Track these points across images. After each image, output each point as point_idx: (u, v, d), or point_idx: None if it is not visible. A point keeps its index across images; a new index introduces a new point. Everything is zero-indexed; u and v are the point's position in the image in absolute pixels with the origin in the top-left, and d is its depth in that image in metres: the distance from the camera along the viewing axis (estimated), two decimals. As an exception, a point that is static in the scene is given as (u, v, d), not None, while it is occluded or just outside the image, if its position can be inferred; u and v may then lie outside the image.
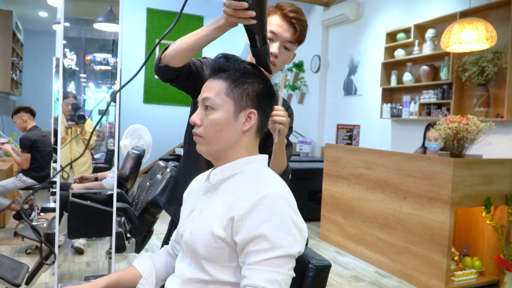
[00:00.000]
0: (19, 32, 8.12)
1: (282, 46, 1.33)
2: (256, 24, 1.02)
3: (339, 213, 4.23)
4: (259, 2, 0.99)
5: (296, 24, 1.32)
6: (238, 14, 1.00)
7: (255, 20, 1.01)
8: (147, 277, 1.18)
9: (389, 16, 5.27)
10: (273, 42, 1.31)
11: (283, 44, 1.33)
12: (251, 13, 0.99)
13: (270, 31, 1.30)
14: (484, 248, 3.36)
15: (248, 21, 1.02)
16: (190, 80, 1.32)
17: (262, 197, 0.93)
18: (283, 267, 0.91)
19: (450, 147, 3.13)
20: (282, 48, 1.33)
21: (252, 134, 1.07)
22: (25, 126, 4.29)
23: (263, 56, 1.11)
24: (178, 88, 1.38)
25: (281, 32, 1.31)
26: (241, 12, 1.00)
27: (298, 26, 1.32)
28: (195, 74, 1.31)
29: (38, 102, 7.30)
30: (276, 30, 1.31)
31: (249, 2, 0.97)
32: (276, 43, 1.32)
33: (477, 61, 3.87)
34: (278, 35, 1.32)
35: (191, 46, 1.18)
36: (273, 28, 1.31)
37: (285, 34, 1.32)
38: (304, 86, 7.09)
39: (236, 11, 1.00)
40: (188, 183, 1.27)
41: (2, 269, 2.63)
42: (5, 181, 4.18)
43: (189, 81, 1.32)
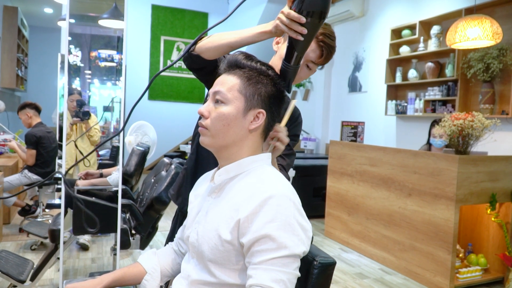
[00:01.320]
0: (25, 28, 8.15)
1: (305, 64, 1.34)
2: (302, 42, 1.04)
3: (343, 210, 4.22)
4: (313, 24, 1.00)
5: (324, 47, 1.32)
6: (292, 25, 1.01)
7: (303, 38, 1.02)
8: (152, 273, 1.18)
9: (394, 12, 5.24)
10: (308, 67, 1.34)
11: (306, 62, 1.33)
12: (304, 29, 1.01)
13: (312, 62, 1.32)
14: (489, 245, 3.35)
15: (296, 36, 1.02)
16: (213, 74, 1.32)
17: (267, 198, 0.93)
18: (288, 266, 0.91)
19: (455, 144, 3.12)
20: (304, 66, 1.34)
21: (258, 134, 1.06)
22: (30, 122, 4.31)
23: (290, 73, 1.11)
24: (198, 79, 1.38)
25: (307, 51, 1.30)
26: (295, 25, 1.00)
27: (325, 50, 1.33)
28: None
29: (43, 98, 7.34)
30: (315, 60, 1.33)
31: (307, 19, 0.99)
32: (306, 69, 1.34)
33: (483, 57, 3.85)
34: (315, 63, 1.33)
35: (230, 43, 1.17)
36: (315, 59, 1.32)
37: (311, 54, 1.32)
38: (308, 82, 7.07)
39: (292, 23, 1.01)
40: (200, 174, 1.28)
41: (7, 265, 2.65)
42: (11, 177, 4.21)
43: (213, 75, 1.32)
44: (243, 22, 7.73)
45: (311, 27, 1.01)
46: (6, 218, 4.43)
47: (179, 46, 8.17)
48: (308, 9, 0.98)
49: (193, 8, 8.22)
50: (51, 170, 4.38)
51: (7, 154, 5.24)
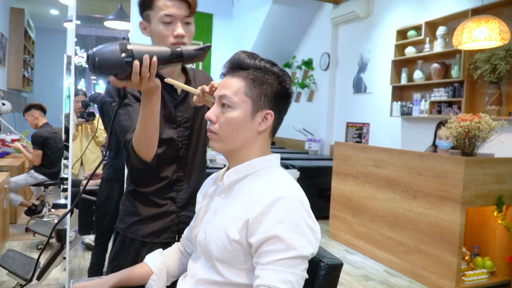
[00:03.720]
0: (31, 30, 8.20)
1: (184, 23, 1.30)
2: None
3: (348, 211, 4.21)
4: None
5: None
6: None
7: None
8: (158, 273, 1.18)
9: (400, 13, 5.23)
10: (174, 24, 1.28)
11: (183, 21, 1.30)
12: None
13: (166, 15, 1.26)
14: (495, 248, 3.33)
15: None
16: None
17: (276, 198, 0.93)
18: (296, 268, 0.90)
19: (462, 145, 3.10)
20: (184, 26, 1.30)
21: (267, 134, 1.06)
22: (36, 123, 4.34)
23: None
24: None
25: (176, 12, 1.28)
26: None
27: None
28: None
29: (49, 99, 7.37)
30: (171, 12, 1.27)
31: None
32: (178, 24, 1.28)
33: (489, 58, 3.83)
34: (176, 16, 1.28)
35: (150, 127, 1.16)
36: (168, 11, 1.27)
37: (181, 11, 1.29)
38: (313, 84, 7.06)
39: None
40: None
41: (14, 264, 2.66)
42: (17, 178, 4.23)
43: None
44: (248, 22, 7.74)
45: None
46: (12, 217, 4.46)
47: (184, 47, 8.20)
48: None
49: (198, 9, 8.19)
50: (57, 170, 4.40)
51: (14, 154, 5.27)
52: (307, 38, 7.35)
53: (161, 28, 1.28)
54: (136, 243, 1.36)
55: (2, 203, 3.59)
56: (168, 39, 1.28)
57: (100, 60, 0.97)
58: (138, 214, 1.37)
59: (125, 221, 1.38)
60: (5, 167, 4.46)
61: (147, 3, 1.29)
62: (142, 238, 1.35)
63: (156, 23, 1.28)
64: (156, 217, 1.36)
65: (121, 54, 0.97)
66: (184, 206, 1.40)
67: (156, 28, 1.29)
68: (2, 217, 3.61)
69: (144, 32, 1.35)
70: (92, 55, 0.97)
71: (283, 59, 7.74)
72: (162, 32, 1.28)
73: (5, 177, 3.72)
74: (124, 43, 0.99)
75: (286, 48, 7.65)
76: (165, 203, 1.37)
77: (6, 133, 5.69)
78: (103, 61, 0.97)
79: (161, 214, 1.37)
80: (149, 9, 1.29)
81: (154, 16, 1.28)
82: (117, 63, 0.97)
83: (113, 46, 0.98)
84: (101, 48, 0.98)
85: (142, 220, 1.36)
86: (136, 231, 1.35)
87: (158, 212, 1.37)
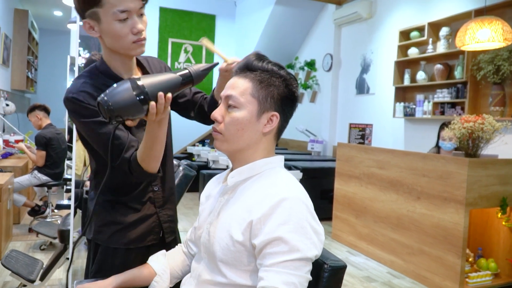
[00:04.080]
0: (35, 31, 8.23)
1: (138, 15, 1.17)
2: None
3: (351, 212, 4.21)
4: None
5: None
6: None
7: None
8: (161, 275, 1.19)
9: (403, 14, 5.22)
10: (130, 19, 1.15)
11: (138, 13, 1.16)
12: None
13: (122, 11, 1.12)
14: (499, 250, 3.31)
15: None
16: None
17: (280, 200, 0.93)
18: (300, 270, 0.90)
19: (465, 146, 3.09)
20: (139, 18, 1.17)
21: (271, 136, 1.06)
22: (40, 124, 4.35)
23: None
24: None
25: (132, 5, 1.13)
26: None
27: None
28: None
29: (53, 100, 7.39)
30: (127, 7, 1.13)
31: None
32: (135, 18, 1.15)
33: (493, 59, 3.82)
34: (131, 11, 1.14)
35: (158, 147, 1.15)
36: (123, 7, 1.12)
37: (135, 4, 1.14)
38: (316, 84, 7.06)
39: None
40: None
41: (17, 264, 2.67)
42: (21, 178, 4.25)
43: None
44: (250, 24, 7.75)
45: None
46: (16, 218, 4.47)
47: (187, 48, 8.21)
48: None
49: (200, 11, 8.25)
50: (60, 171, 4.41)
51: (17, 155, 5.29)
52: (310, 39, 7.35)
53: (117, 27, 1.14)
54: (121, 251, 1.31)
55: (6, 203, 3.60)
56: (127, 37, 1.16)
57: (116, 107, 0.93)
58: (119, 223, 1.31)
59: (105, 231, 1.31)
60: (9, 168, 4.47)
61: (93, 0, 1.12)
62: (126, 246, 1.31)
63: (109, 22, 1.14)
64: (138, 222, 1.32)
65: (134, 93, 0.94)
66: (163, 205, 1.39)
67: (110, 27, 1.14)
68: (6, 217, 3.62)
69: (90, 33, 1.18)
70: (104, 101, 0.93)
71: (286, 60, 7.74)
72: (119, 31, 1.14)
73: (8, 177, 3.74)
74: (134, 79, 0.96)
75: (289, 49, 7.65)
76: (143, 206, 1.34)
77: (9, 133, 5.71)
78: (120, 108, 0.93)
79: (142, 218, 1.33)
80: (96, 6, 1.12)
81: (105, 14, 1.13)
82: (132, 104, 0.94)
83: (123, 86, 0.94)
84: (111, 91, 0.94)
85: (124, 228, 1.31)
86: (119, 239, 1.30)
87: (139, 217, 1.33)
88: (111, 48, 1.21)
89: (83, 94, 1.17)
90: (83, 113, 1.16)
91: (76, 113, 1.18)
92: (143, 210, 1.34)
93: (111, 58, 1.25)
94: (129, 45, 1.17)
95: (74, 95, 1.17)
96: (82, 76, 1.24)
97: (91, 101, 1.16)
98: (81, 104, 1.16)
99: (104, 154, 1.19)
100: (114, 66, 1.25)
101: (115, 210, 1.32)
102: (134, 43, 1.17)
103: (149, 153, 1.14)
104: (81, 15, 1.18)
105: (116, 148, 1.16)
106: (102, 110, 0.95)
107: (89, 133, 1.20)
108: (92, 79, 1.22)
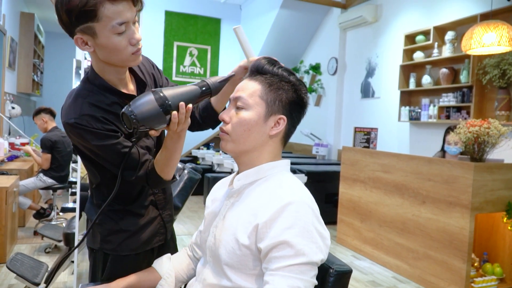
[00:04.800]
0: (41, 34, 8.29)
1: (133, 23, 1.11)
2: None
3: (356, 216, 4.19)
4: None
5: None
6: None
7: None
8: (166, 278, 1.19)
9: (408, 18, 5.21)
10: (128, 29, 1.09)
11: (133, 22, 1.11)
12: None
13: (120, 23, 1.06)
14: (505, 255, 3.29)
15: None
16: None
17: (286, 204, 0.93)
18: (305, 274, 0.90)
19: (471, 151, 3.08)
20: (135, 27, 1.12)
21: (278, 140, 1.06)
22: (45, 127, 4.37)
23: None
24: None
25: (130, 16, 1.08)
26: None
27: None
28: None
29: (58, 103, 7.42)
30: (125, 18, 1.07)
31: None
32: (131, 28, 1.10)
33: (498, 63, 3.80)
34: (129, 21, 1.08)
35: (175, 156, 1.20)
36: (121, 19, 1.06)
37: (132, 14, 1.09)
38: (321, 88, 7.05)
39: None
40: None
41: (22, 267, 2.68)
42: (26, 181, 4.27)
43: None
44: (256, 27, 7.76)
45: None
46: (21, 221, 4.49)
47: (192, 52, 8.23)
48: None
49: (206, 14, 8.28)
50: (65, 174, 4.43)
51: (23, 158, 5.31)
52: (315, 43, 7.35)
53: (116, 40, 1.08)
54: (130, 257, 1.32)
55: (11, 206, 3.62)
56: (126, 50, 1.11)
57: (140, 117, 0.97)
58: (126, 231, 1.31)
59: (113, 240, 1.31)
60: (14, 171, 4.50)
61: (88, 14, 1.04)
62: (135, 251, 1.32)
63: (107, 36, 1.07)
64: (144, 227, 1.34)
65: (157, 103, 0.98)
66: (165, 206, 1.41)
67: (108, 41, 1.08)
68: (11, 220, 3.63)
69: (84, 48, 1.12)
70: (129, 111, 0.96)
71: (291, 64, 7.75)
72: (118, 44, 1.09)
73: (14, 180, 3.75)
74: (156, 91, 1.00)
75: (294, 52, 7.66)
76: (147, 210, 1.35)
77: (15, 136, 5.75)
78: (144, 118, 0.97)
79: (148, 223, 1.34)
80: (91, 21, 1.05)
81: (102, 28, 1.06)
82: (155, 114, 0.98)
83: (147, 97, 0.98)
84: (134, 102, 0.98)
85: (132, 234, 1.32)
86: (128, 246, 1.31)
87: (145, 222, 1.34)
88: (106, 61, 1.15)
89: (86, 118, 1.13)
90: (89, 137, 1.13)
91: (81, 137, 1.14)
92: (147, 214, 1.35)
93: (105, 71, 1.19)
94: (128, 57, 1.13)
95: (77, 121, 1.12)
96: (79, 96, 1.17)
97: (95, 124, 1.13)
98: (85, 128, 1.12)
99: (116, 172, 1.18)
100: (109, 78, 1.20)
101: (120, 219, 1.32)
102: (133, 54, 1.13)
103: (167, 163, 1.18)
104: (70, 31, 1.10)
105: (131, 164, 1.18)
106: (127, 121, 0.98)
107: (97, 154, 1.18)
108: (89, 96, 1.17)
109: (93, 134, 1.13)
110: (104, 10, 1.04)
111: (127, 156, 1.13)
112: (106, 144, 1.14)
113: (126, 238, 1.31)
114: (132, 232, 1.32)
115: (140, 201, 1.34)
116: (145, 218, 1.34)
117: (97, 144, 1.13)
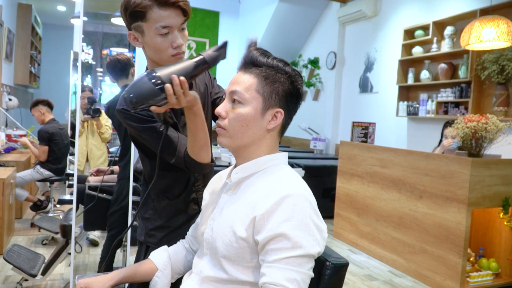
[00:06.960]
0: (38, 26, 8.23)
1: (179, 30, 1.23)
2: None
3: (353, 211, 4.20)
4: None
5: (180, 4, 1.19)
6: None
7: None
8: (163, 270, 1.19)
9: (407, 12, 5.20)
10: (171, 33, 1.21)
11: (179, 28, 1.23)
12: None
13: (164, 27, 1.18)
14: (501, 250, 3.31)
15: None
16: None
17: (283, 197, 0.93)
18: (302, 266, 0.90)
19: (468, 146, 3.08)
20: (180, 33, 1.24)
21: (275, 133, 1.06)
22: (43, 119, 4.35)
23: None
24: None
25: (174, 22, 1.19)
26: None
27: (183, 6, 1.21)
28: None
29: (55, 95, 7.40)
30: (169, 23, 1.19)
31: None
32: (175, 33, 1.21)
33: (497, 59, 3.80)
34: (173, 26, 1.20)
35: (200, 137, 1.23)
36: (165, 23, 1.18)
37: (177, 20, 1.20)
38: (319, 82, 7.04)
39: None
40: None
41: (19, 259, 2.68)
42: (23, 173, 4.26)
43: None
44: (254, 21, 7.73)
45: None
46: (18, 213, 4.49)
47: (190, 45, 8.20)
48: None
49: (204, 7, 8.24)
50: (62, 166, 4.42)
51: (20, 150, 5.30)
52: (314, 37, 7.33)
53: (158, 41, 1.20)
54: None
55: (8, 198, 3.61)
56: (167, 51, 1.22)
57: (136, 95, 1.01)
58: (169, 226, 1.39)
59: (156, 235, 1.40)
60: (11, 162, 4.48)
61: (138, 14, 1.18)
62: None
63: (152, 36, 1.20)
64: (185, 223, 1.39)
65: (151, 82, 1.02)
66: None
67: (152, 41, 1.21)
68: (8, 212, 3.63)
69: (135, 43, 1.26)
70: (128, 95, 1.02)
71: (289, 58, 7.72)
72: (160, 45, 1.21)
73: (11, 172, 3.75)
74: (150, 71, 1.04)
75: (293, 46, 7.63)
76: (188, 206, 1.40)
77: (12, 128, 5.73)
78: (139, 95, 1.02)
79: (189, 219, 1.40)
80: (141, 20, 1.19)
81: (148, 28, 1.19)
82: (151, 91, 1.02)
83: (141, 78, 1.03)
84: (131, 85, 1.03)
85: (173, 230, 1.39)
86: (168, 241, 1.35)
87: (186, 218, 1.40)
88: (152, 59, 1.28)
89: None
90: (134, 121, 1.25)
91: (128, 120, 1.25)
92: (189, 210, 1.41)
93: (153, 68, 1.28)
94: (168, 58, 1.23)
95: (124, 107, 1.25)
96: None
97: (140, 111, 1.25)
98: (131, 113, 1.24)
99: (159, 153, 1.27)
100: None
101: (165, 215, 1.40)
102: (173, 56, 1.23)
103: (194, 143, 1.21)
104: (128, 27, 1.26)
105: (169, 147, 1.25)
106: (127, 103, 1.03)
107: (143, 137, 1.28)
108: None
109: (138, 118, 1.24)
110: (152, 13, 1.17)
111: (163, 137, 1.19)
112: (147, 127, 1.24)
113: (167, 234, 1.38)
114: (173, 228, 1.38)
115: (184, 196, 1.39)
116: (186, 215, 1.40)
117: (139, 125, 1.24)
